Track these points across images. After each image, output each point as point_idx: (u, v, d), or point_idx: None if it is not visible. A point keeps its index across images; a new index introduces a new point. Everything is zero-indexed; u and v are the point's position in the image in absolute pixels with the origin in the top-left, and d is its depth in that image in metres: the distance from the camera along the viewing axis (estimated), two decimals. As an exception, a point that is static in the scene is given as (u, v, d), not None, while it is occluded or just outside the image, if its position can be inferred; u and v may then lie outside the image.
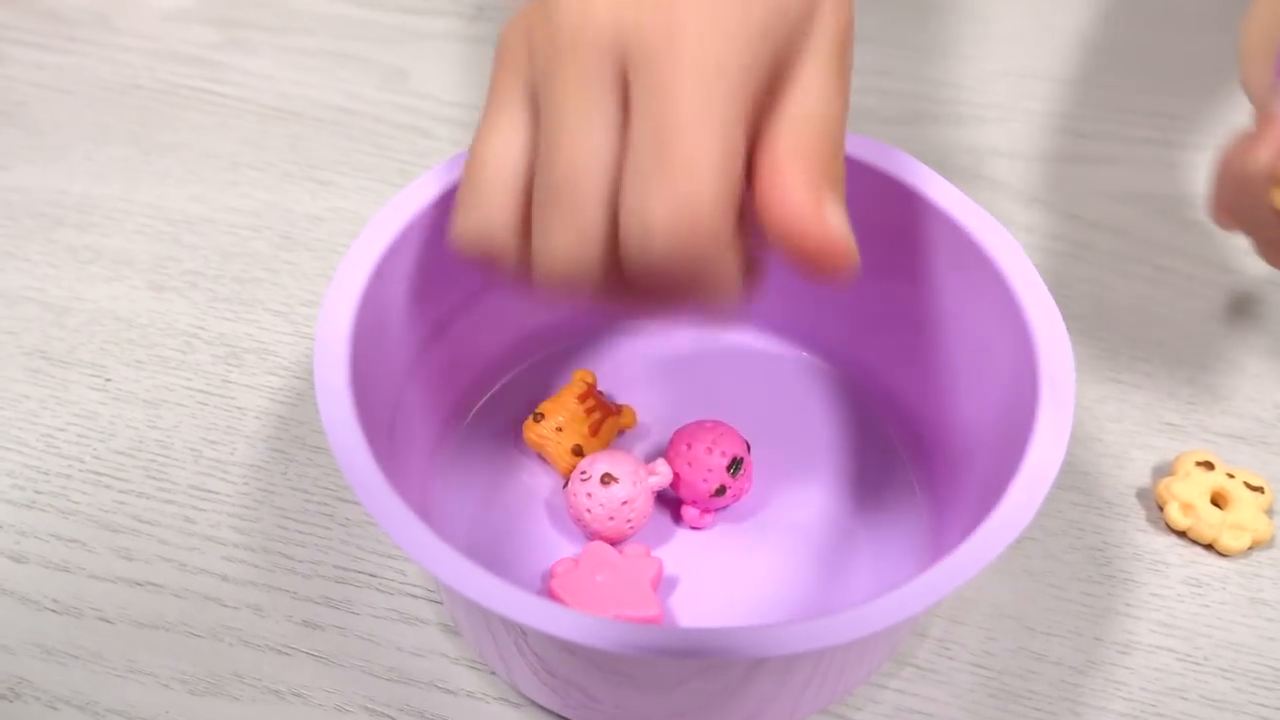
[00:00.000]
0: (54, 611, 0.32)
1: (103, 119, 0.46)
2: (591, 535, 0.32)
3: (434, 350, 0.33)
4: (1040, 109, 0.48)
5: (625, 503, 0.32)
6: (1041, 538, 0.34)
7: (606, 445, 0.34)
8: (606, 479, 0.32)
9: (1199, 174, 0.46)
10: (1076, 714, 0.31)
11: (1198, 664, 0.32)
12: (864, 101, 0.48)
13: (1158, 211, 0.45)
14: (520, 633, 0.27)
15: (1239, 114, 0.49)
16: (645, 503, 0.32)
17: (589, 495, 0.32)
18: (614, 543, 0.32)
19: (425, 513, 0.32)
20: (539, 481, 0.34)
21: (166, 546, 0.34)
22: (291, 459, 0.36)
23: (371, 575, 0.33)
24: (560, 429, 0.33)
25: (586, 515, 0.32)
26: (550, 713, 0.31)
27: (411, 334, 0.32)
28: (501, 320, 0.35)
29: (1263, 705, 0.31)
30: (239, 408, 0.37)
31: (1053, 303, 0.29)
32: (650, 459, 0.34)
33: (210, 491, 0.35)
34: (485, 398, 0.36)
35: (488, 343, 0.35)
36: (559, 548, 0.33)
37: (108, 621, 0.32)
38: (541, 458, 0.35)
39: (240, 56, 0.49)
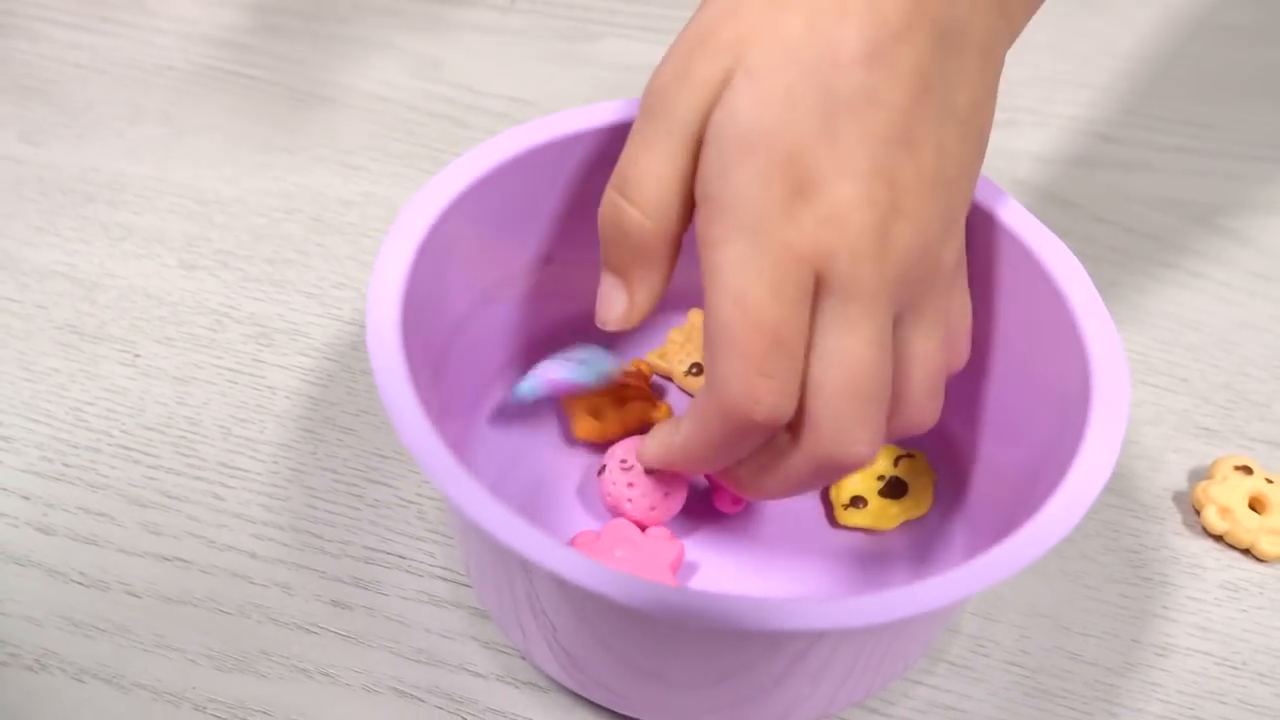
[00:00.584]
0: (81, 585, 0.32)
1: (136, 99, 0.46)
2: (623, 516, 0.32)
3: (486, 312, 0.33)
4: (1074, 114, 0.48)
5: (662, 490, 0.31)
6: (1077, 539, 0.34)
7: (627, 428, 0.34)
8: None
9: (1232, 182, 0.46)
10: (1113, 714, 0.31)
11: (1235, 668, 0.32)
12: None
13: (1191, 218, 0.44)
14: (532, 587, 0.26)
15: (1266, 123, 0.48)
16: (681, 488, 0.32)
17: (630, 484, 0.31)
18: (644, 527, 0.32)
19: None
20: (570, 459, 0.34)
21: (195, 523, 0.33)
22: (321, 439, 0.35)
23: (401, 557, 0.33)
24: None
25: (626, 505, 0.31)
26: (578, 697, 0.30)
27: (464, 293, 0.32)
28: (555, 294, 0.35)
29: (1301, 711, 0.31)
30: (269, 387, 0.37)
31: (1104, 308, 0.28)
32: None
33: (239, 469, 0.35)
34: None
35: (542, 312, 0.35)
36: (582, 522, 0.33)
37: (135, 596, 0.32)
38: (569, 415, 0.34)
39: (274, 41, 0.49)
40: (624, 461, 0.31)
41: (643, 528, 0.32)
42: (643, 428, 0.34)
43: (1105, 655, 0.32)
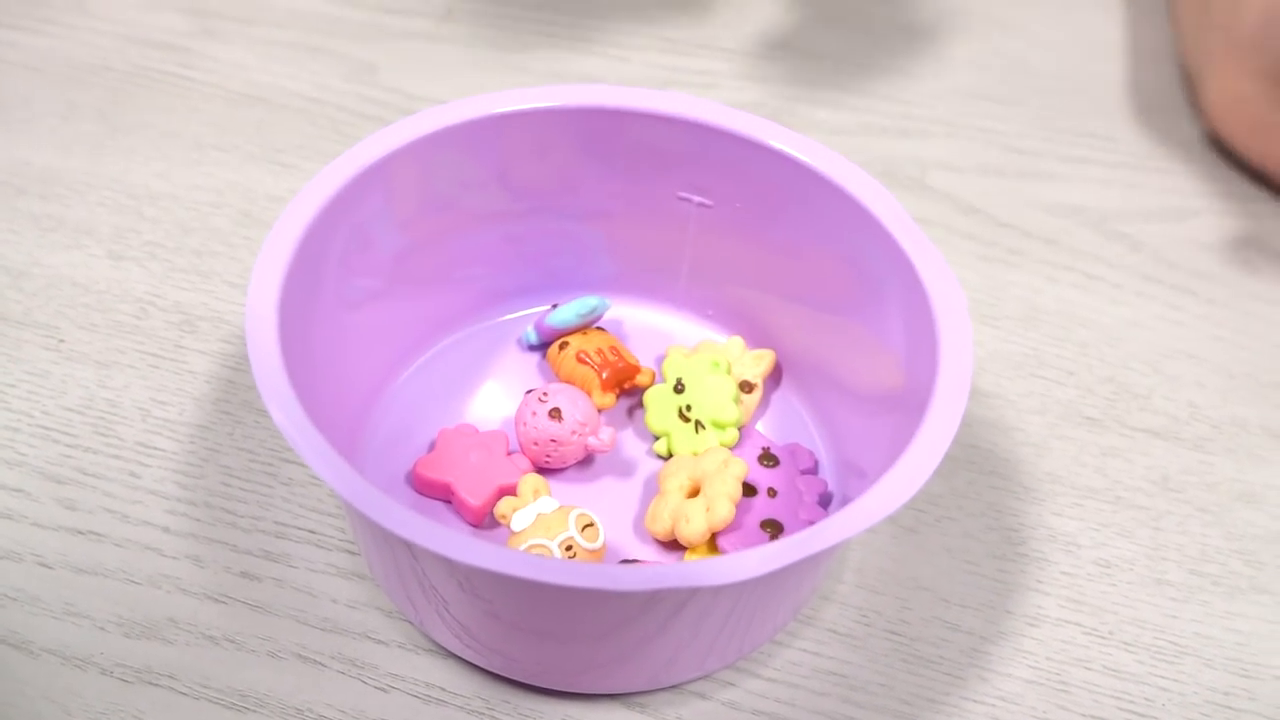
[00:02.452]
0: (-6, 556, 0.33)
1: (71, 96, 0.47)
2: (519, 446, 0.35)
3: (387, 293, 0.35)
4: (984, 126, 0.50)
5: (554, 440, 0.34)
6: (961, 518, 0.36)
7: (616, 388, 0.37)
8: (555, 414, 0.34)
9: (1130, 190, 0.48)
10: (984, 679, 0.32)
11: (1102, 638, 0.33)
12: (815, 114, 0.50)
13: (1089, 224, 0.47)
14: (417, 563, 0.28)
15: (1163, 138, 0.51)
16: (572, 453, 0.34)
17: (533, 414, 0.34)
18: (535, 465, 0.35)
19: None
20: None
21: (110, 499, 0.34)
22: (239, 421, 0.37)
23: (311, 531, 0.34)
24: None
25: (521, 428, 0.34)
26: (472, 665, 0.32)
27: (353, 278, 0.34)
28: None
29: (1162, 677, 0.33)
30: (190, 371, 0.38)
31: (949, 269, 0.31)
32: None
33: (157, 449, 0.36)
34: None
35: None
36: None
37: (47, 567, 0.33)
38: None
39: (212, 44, 0.50)
40: (543, 394, 0.34)
41: (535, 465, 0.34)
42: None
43: (981, 625, 0.33)
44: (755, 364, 0.37)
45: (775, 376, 0.38)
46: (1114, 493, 0.37)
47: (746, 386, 0.36)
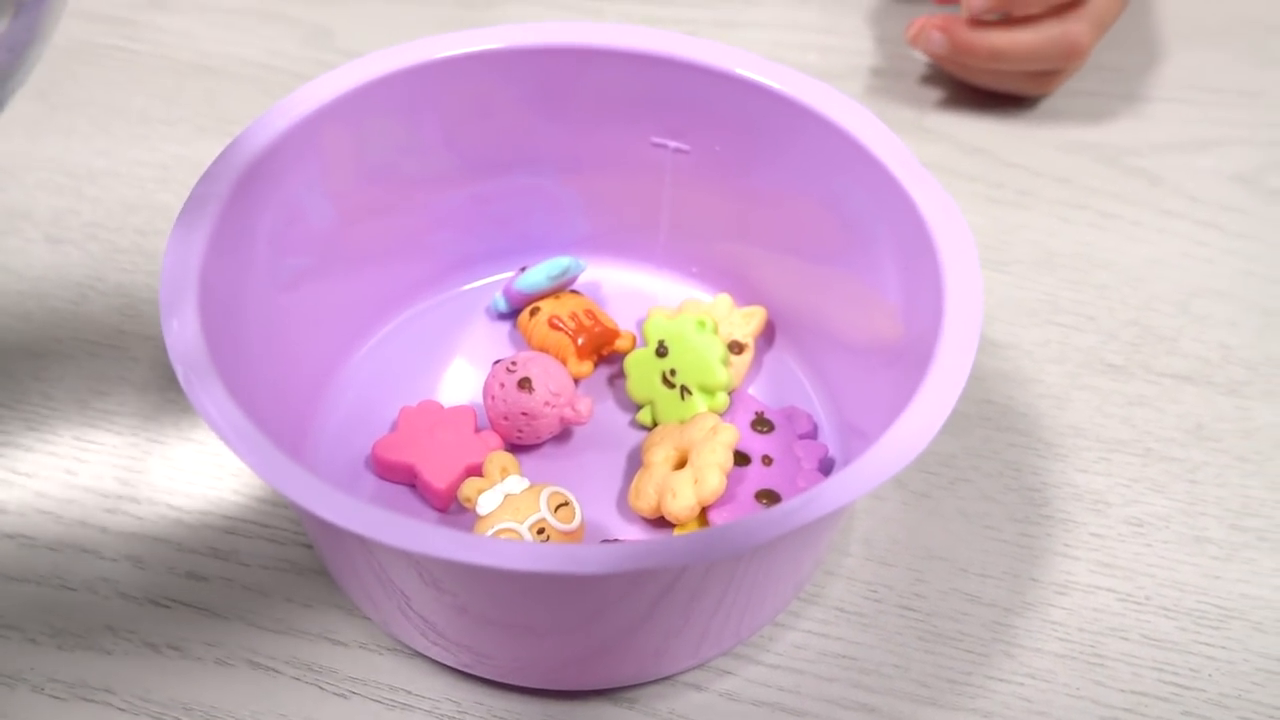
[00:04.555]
0: (-83, 566, 0.30)
1: (7, 75, 0.44)
2: (489, 422, 0.32)
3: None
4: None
5: (525, 414, 0.30)
6: (977, 479, 0.33)
7: (594, 355, 0.34)
8: (525, 384, 0.31)
9: (1142, 123, 0.45)
10: (1010, 655, 0.29)
11: (1139, 604, 0.30)
12: (805, 58, 0.47)
13: (1102, 160, 0.43)
14: (371, 556, 0.25)
15: (1180, 68, 0.47)
16: (546, 426, 0.31)
17: (501, 385, 0.31)
18: (506, 441, 0.31)
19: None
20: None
21: (44, 499, 0.31)
22: (186, 409, 0.34)
23: (263, 525, 0.31)
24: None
25: (489, 401, 0.31)
26: (440, 665, 0.29)
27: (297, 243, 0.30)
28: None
29: (1207, 644, 0.30)
30: (132, 358, 0.35)
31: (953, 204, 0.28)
32: None
33: (94, 442, 0.33)
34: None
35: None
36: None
37: (-26, 575, 0.30)
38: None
39: (159, 16, 0.47)
40: (511, 364, 0.31)
41: (506, 440, 0.31)
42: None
43: (1004, 596, 0.30)
44: (745, 322, 0.34)
45: (768, 336, 0.35)
46: (1143, 444, 0.34)
47: (736, 347, 0.33)
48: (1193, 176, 0.43)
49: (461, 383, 0.34)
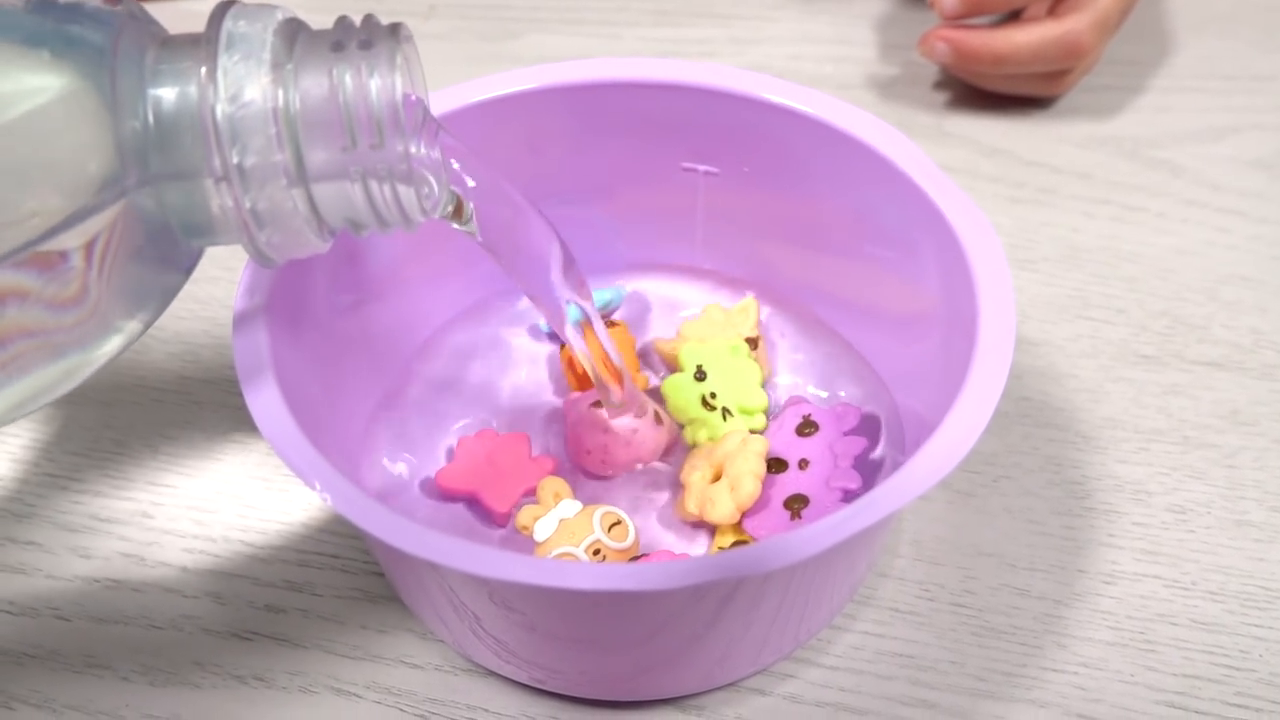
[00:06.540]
0: (9, 614, 0.31)
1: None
2: (599, 463, 0.32)
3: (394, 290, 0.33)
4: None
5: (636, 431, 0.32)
6: (1019, 475, 0.34)
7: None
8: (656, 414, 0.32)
9: (1161, 114, 0.46)
10: (1063, 646, 0.30)
11: (1185, 589, 0.31)
12: (821, 70, 0.48)
13: (1123, 154, 0.44)
14: (441, 579, 0.26)
15: (1193, 57, 0.48)
16: (626, 454, 0.32)
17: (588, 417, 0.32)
18: (583, 470, 0.32)
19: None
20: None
21: (125, 542, 0.33)
22: (250, 449, 0.35)
23: (334, 556, 0.32)
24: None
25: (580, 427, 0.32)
26: (513, 682, 0.30)
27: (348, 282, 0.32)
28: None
29: (1256, 625, 0.30)
30: (195, 403, 0.36)
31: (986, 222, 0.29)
32: None
33: (167, 485, 0.34)
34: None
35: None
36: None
37: (64, 619, 0.31)
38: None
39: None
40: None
41: (607, 468, 0.32)
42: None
43: (1053, 588, 0.31)
44: (745, 318, 0.35)
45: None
46: (1181, 433, 0.35)
47: (751, 343, 0.35)
48: (1212, 164, 0.43)
49: (514, 402, 0.35)
